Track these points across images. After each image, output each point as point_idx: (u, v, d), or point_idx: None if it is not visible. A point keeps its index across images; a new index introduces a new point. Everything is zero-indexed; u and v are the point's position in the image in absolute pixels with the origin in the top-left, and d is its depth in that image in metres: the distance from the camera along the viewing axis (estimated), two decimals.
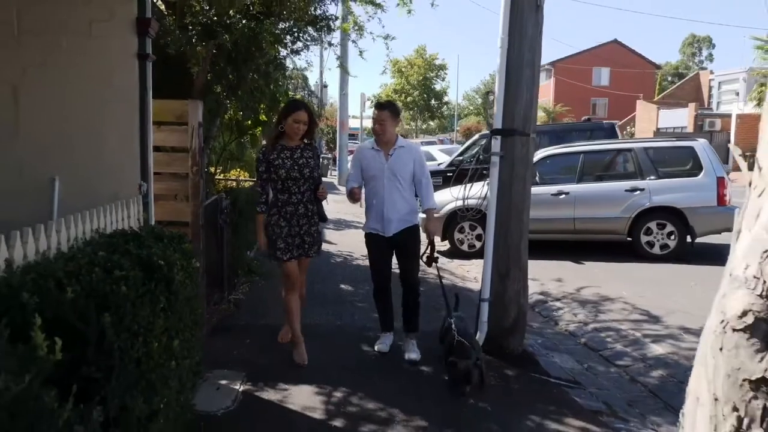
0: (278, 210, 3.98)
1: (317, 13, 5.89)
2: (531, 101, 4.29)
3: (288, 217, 3.97)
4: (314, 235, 4.08)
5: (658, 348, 4.95)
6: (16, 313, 1.42)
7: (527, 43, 4.22)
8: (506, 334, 4.43)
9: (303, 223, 4.01)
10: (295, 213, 3.98)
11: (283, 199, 3.97)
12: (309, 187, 4.01)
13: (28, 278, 1.64)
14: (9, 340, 1.27)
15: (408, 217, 4.24)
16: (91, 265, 1.81)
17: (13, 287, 1.57)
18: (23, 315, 1.43)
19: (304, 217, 4.00)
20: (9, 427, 1.12)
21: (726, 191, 7.81)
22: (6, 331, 1.27)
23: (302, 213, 3.99)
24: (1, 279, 1.61)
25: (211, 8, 4.82)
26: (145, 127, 3.43)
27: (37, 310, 1.44)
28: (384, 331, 4.42)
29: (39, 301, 1.51)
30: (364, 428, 3.14)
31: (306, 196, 3.99)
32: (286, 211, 3.96)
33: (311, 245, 4.07)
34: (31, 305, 1.48)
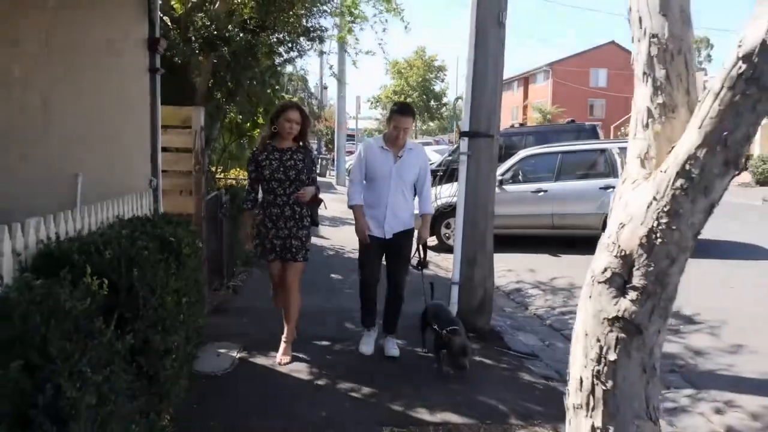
0: (264, 210, 3.99)
1: (309, 25, 6.45)
2: (494, 107, 4.85)
3: (274, 218, 3.96)
4: (302, 239, 4.01)
5: None
6: (71, 268, 1.99)
7: (491, 56, 4.79)
8: (474, 313, 4.98)
9: (290, 226, 3.96)
10: (281, 215, 3.95)
11: (268, 200, 3.97)
12: (296, 189, 3.94)
13: (74, 246, 2.20)
14: (71, 283, 1.84)
15: (406, 219, 4.22)
16: (119, 238, 2.38)
17: (65, 251, 2.13)
18: (75, 269, 1.99)
19: (291, 219, 3.96)
20: (75, 335, 1.68)
21: None
22: (68, 276, 1.84)
23: (289, 215, 3.95)
24: (56, 246, 2.18)
25: (211, 23, 5.40)
26: (155, 131, 4.00)
27: (84, 266, 2.01)
28: (367, 328, 4.40)
29: (85, 260, 2.08)
30: (342, 385, 3.71)
31: (293, 199, 3.95)
32: (271, 212, 3.96)
33: (298, 249, 3.99)
34: (80, 263, 2.04)
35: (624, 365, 2.11)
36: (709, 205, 1.99)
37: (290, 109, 4.02)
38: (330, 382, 3.76)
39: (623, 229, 2.13)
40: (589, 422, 2.18)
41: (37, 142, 3.85)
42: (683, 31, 2.16)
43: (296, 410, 3.33)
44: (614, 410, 2.12)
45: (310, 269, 7.21)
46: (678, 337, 5.18)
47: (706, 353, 4.77)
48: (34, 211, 2.62)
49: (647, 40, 2.17)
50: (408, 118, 4.06)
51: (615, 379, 2.12)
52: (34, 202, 3.60)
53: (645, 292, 2.07)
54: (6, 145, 3.79)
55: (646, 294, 2.06)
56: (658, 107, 2.17)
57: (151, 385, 2.25)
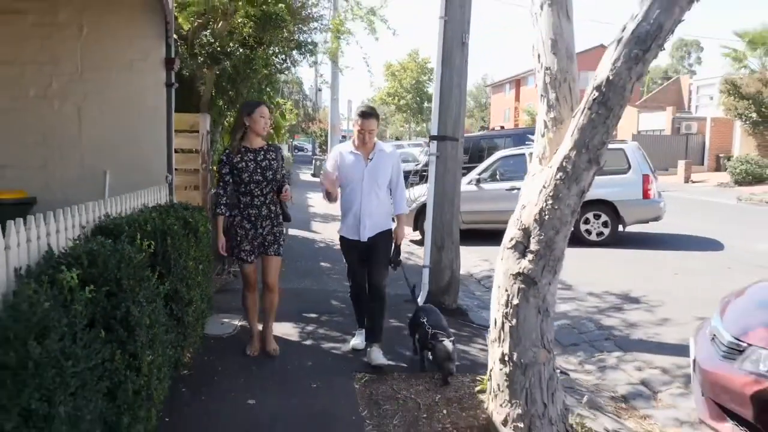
0: (240, 212, 3.96)
1: (300, 40, 7.24)
2: (459, 114, 5.65)
3: (252, 219, 3.97)
4: (276, 234, 4.07)
5: (566, 306, 6.31)
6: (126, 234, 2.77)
7: (456, 71, 5.58)
8: (442, 292, 5.78)
9: (266, 225, 4.02)
10: (259, 215, 3.98)
11: (245, 201, 3.95)
12: (272, 188, 3.99)
13: (123, 221, 2.99)
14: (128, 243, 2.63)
15: (382, 221, 4.21)
16: (153, 217, 3.16)
17: (117, 224, 2.92)
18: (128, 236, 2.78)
19: (267, 218, 4.01)
20: (135, 276, 2.46)
21: (650, 186, 9.20)
22: (126, 239, 2.63)
23: (265, 215, 4.00)
24: (110, 221, 2.96)
25: (215, 40, 6.17)
26: (170, 135, 4.78)
27: (134, 234, 2.79)
28: (360, 328, 4.44)
29: (134, 231, 2.86)
30: (324, 345, 4.50)
31: (269, 198, 3.99)
32: (249, 213, 3.96)
33: (271, 243, 4.05)
34: (131, 232, 2.83)
35: (524, 308, 2.91)
36: (579, 190, 2.80)
37: (262, 105, 4.03)
38: (315, 343, 4.56)
39: (524, 209, 2.94)
40: (500, 350, 2.98)
41: (73, 144, 4.62)
42: (568, 65, 2.96)
43: (288, 361, 4.11)
44: (517, 341, 2.93)
45: (302, 258, 8.10)
46: (619, 313, 6.00)
47: (639, 325, 5.58)
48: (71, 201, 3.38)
49: (543, 71, 2.98)
50: (371, 120, 4.03)
51: (518, 318, 2.93)
52: (69, 193, 4.39)
53: (538, 254, 2.87)
54: (47, 147, 4.57)
55: (539, 256, 2.87)
56: (550, 120, 2.97)
57: (178, 325, 3.03)
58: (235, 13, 6.09)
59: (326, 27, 7.56)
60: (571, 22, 2.99)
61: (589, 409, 3.74)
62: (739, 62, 25.53)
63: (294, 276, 6.75)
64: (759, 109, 17.96)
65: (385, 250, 4.20)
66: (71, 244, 2.55)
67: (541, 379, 2.90)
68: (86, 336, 2.01)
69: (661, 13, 2.47)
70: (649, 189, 9.19)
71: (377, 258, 4.16)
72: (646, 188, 9.16)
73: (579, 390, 4.21)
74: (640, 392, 4.29)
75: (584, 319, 5.91)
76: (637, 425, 3.79)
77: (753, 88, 18.09)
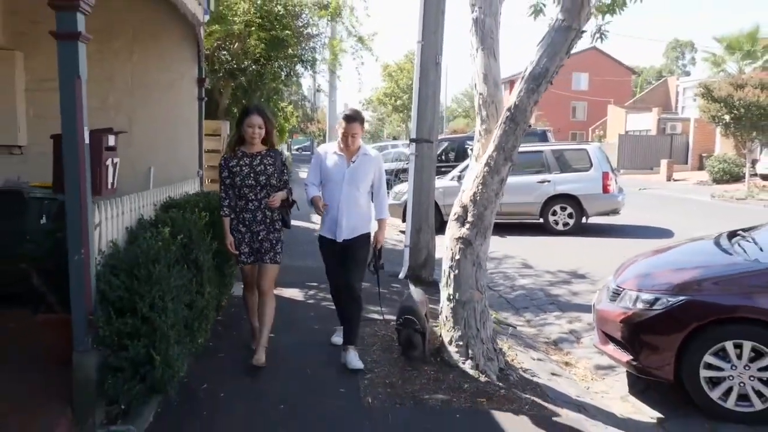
0: (236, 216, 4.01)
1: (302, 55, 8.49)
2: (433, 121, 6.89)
3: (247, 223, 4.00)
4: (272, 241, 4.05)
5: (524, 281, 7.58)
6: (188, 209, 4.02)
7: (431, 85, 6.82)
8: (420, 268, 7.02)
9: (260, 230, 4.01)
10: (254, 220, 3.99)
11: (240, 205, 3.99)
12: (267, 193, 3.98)
13: (181, 202, 4.24)
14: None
15: (360, 224, 4.20)
16: (199, 199, 4.41)
17: (178, 202, 4.17)
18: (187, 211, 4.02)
19: (262, 223, 4.01)
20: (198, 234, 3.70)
21: (609, 182, 10.46)
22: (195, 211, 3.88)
23: (260, 219, 4.00)
24: (172, 201, 4.21)
25: (232, 59, 7.40)
26: (201, 139, 6.02)
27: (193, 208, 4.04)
28: (341, 325, 4.45)
29: (191, 206, 4.11)
30: (323, 303, 5.75)
31: (264, 203, 3.99)
32: (243, 217, 4.00)
33: (267, 251, 4.03)
34: (190, 207, 4.08)
35: (463, 262, 4.16)
36: (500, 179, 4.05)
37: (252, 114, 3.97)
38: (316, 302, 5.81)
39: (463, 193, 4.19)
40: (447, 292, 4.23)
41: (125, 147, 5.83)
42: (495, 92, 4.21)
43: (296, 314, 5.36)
44: (458, 285, 4.17)
45: (304, 243, 9.26)
46: (566, 285, 7.26)
47: (579, 293, 6.84)
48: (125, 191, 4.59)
49: (478, 96, 4.23)
50: (355, 124, 4.06)
51: (459, 269, 4.17)
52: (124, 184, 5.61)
53: (473, 224, 4.12)
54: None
55: (474, 225, 4.12)
56: (483, 131, 4.22)
57: (220, 275, 4.28)
58: (249, 37, 7.33)
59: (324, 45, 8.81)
60: (498, 61, 4.23)
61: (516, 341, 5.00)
62: (717, 66, 26.82)
63: (298, 257, 7.98)
64: (730, 111, 19.19)
65: (361, 253, 4.20)
66: (154, 214, 3.80)
67: (475, 311, 4.15)
68: (176, 267, 3.26)
69: (547, 60, 3.72)
70: (609, 184, 10.45)
71: (352, 260, 4.16)
72: (606, 184, 10.43)
73: (521, 338, 5.46)
74: (568, 338, 5.56)
75: (537, 290, 7.17)
76: (558, 357, 5.06)
77: (725, 91, 19.31)
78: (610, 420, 3.81)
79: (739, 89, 19.34)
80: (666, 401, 4.11)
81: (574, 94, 50.13)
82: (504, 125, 3.93)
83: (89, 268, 2.85)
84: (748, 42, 25.02)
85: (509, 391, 3.90)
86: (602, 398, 4.27)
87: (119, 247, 3.30)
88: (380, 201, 4.28)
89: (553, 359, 5.00)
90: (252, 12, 7.04)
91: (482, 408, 3.64)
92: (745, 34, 25.29)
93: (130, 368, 2.86)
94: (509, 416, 3.56)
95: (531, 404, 3.74)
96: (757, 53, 25.12)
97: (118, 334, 2.84)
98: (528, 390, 3.95)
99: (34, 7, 3.21)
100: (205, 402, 3.53)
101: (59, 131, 2.78)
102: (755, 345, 3.62)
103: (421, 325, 4.19)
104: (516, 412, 3.60)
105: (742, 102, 18.96)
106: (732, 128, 19.77)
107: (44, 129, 6.48)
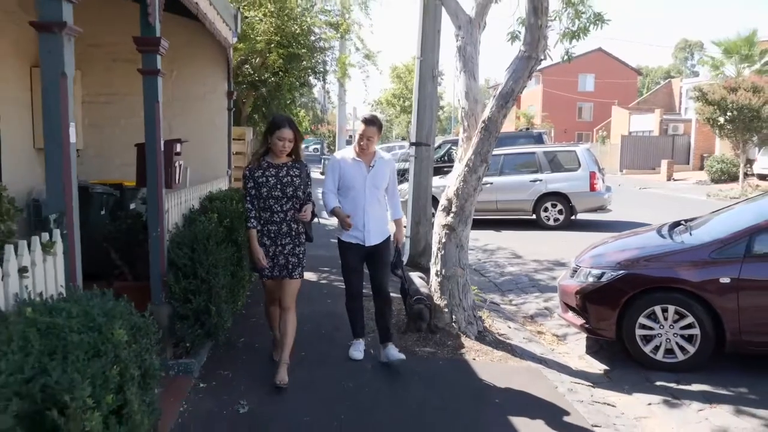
0: (262, 228, 3.92)
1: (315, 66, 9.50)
2: (431, 126, 7.85)
3: (272, 236, 3.92)
4: (299, 255, 3.99)
5: (512, 268, 8.53)
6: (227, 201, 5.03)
7: (428, 96, 7.79)
8: (419, 256, 7.99)
9: (286, 243, 3.93)
10: (279, 232, 3.92)
11: (265, 217, 3.91)
12: (293, 205, 3.92)
13: (220, 195, 5.24)
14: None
15: (385, 227, 4.37)
16: (233, 194, 5.41)
17: (218, 196, 5.18)
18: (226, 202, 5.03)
19: (287, 236, 3.93)
20: (237, 221, 4.70)
21: (596, 181, 11.38)
22: (233, 203, 4.89)
23: (285, 232, 3.93)
24: (212, 194, 5.22)
25: (254, 72, 8.40)
26: (230, 143, 7.03)
27: (230, 200, 5.04)
28: (356, 338, 4.52)
29: (230, 198, 5.12)
30: (334, 283, 6.74)
31: (289, 215, 3.92)
32: (268, 229, 3.91)
33: (295, 266, 3.97)
34: (228, 198, 5.09)
35: (448, 244, 5.13)
36: (477, 177, 5.02)
37: (283, 127, 3.87)
38: (328, 282, 6.82)
39: (449, 188, 5.16)
40: (436, 268, 5.21)
41: None
42: (474, 106, 5.18)
43: (312, 292, 6.34)
44: (444, 263, 5.15)
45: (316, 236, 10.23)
46: (548, 272, 8.20)
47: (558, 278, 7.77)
48: None
49: (461, 109, 5.20)
50: (372, 128, 4.15)
51: (445, 249, 5.14)
52: None
53: (456, 213, 5.09)
54: None
55: (456, 214, 5.09)
56: (465, 138, 5.19)
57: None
58: (269, 53, 8.35)
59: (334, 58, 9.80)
60: (477, 81, 5.19)
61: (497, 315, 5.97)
62: (716, 69, 27.55)
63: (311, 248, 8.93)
64: (724, 113, 20.00)
65: (386, 254, 4.40)
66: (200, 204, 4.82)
67: (458, 285, 5.12)
68: (223, 244, 4.26)
69: (513, 83, 4.69)
70: (595, 183, 11.38)
71: (380, 262, 4.34)
72: (593, 182, 11.35)
73: (503, 312, 6.42)
74: (543, 313, 6.51)
75: (522, 275, 8.12)
76: (532, 328, 6.01)
77: (718, 94, 20.12)
78: (565, 371, 4.75)
79: (732, 92, 20.15)
80: (614, 359, 5.06)
81: (580, 95, 50.76)
82: (480, 134, 4.90)
83: (163, 242, 3.85)
84: (745, 46, 25.72)
85: (484, 347, 4.87)
86: (563, 357, 5.21)
87: (180, 228, 4.30)
88: (395, 201, 4.43)
89: (527, 329, 5.95)
90: (272, 31, 8.04)
91: (460, 358, 4.62)
92: (742, 38, 25.99)
93: (192, 316, 3.86)
94: (480, 363, 4.53)
95: (501, 357, 4.72)
96: (755, 57, 25.80)
97: (184, 291, 3.84)
98: (500, 347, 4.92)
99: (91, 33, 3.27)
100: (243, 350, 4.54)
101: (109, 138, 3.73)
102: (678, 309, 4.57)
103: (428, 303, 5.00)
104: (487, 362, 4.57)
105: (734, 104, 19.76)
106: (726, 130, 20.56)
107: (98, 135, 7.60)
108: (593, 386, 4.49)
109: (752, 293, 4.37)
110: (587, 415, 3.82)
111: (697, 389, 4.35)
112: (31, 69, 6.32)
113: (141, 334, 2.02)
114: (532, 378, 4.36)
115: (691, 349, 4.55)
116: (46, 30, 2.55)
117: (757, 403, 4.11)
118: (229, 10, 6.49)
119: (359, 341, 4.53)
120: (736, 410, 4.03)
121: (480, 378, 4.27)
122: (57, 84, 2.56)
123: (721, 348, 4.51)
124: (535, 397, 4.00)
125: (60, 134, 2.56)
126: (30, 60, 6.10)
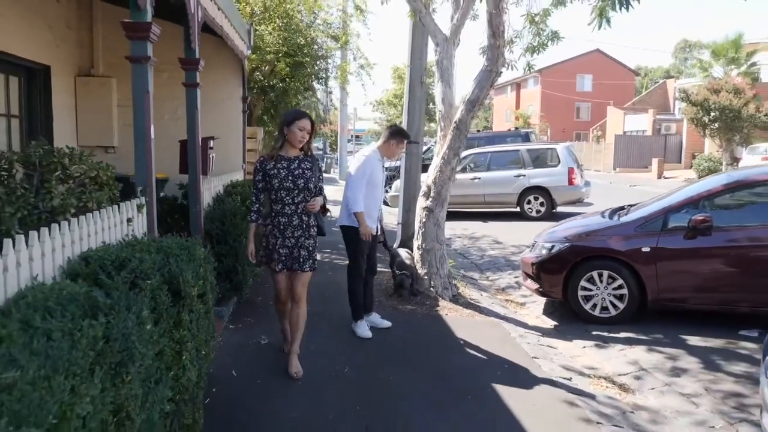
0: (272, 220, 3.97)
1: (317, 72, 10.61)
2: (419, 126, 8.95)
3: (282, 228, 3.95)
4: (309, 248, 4.01)
5: (493, 252, 9.63)
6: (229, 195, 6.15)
7: (417, 99, 8.89)
8: (409, 240, 9.06)
9: (298, 235, 3.96)
10: (289, 224, 3.94)
11: (276, 210, 3.95)
12: (304, 198, 3.94)
13: (238, 189, 6.36)
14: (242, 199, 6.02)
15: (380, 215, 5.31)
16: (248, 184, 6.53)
17: (238, 186, 6.31)
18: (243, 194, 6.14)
19: (299, 228, 3.96)
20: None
21: (574, 176, 12.48)
22: (234, 196, 6.02)
23: (296, 224, 3.95)
24: (233, 183, 6.34)
25: (264, 78, 9.50)
26: (244, 141, 8.15)
27: (245, 192, 6.16)
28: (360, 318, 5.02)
29: (246, 190, 6.24)
30: (335, 261, 7.84)
31: (300, 208, 3.94)
32: (279, 221, 3.94)
33: (305, 259, 3.99)
34: (244, 191, 6.21)
35: (427, 223, 6.25)
36: (451, 168, 6.14)
37: (304, 117, 4.02)
38: (330, 260, 7.93)
39: (428, 177, 6.28)
40: (417, 243, 6.34)
41: None
42: (449, 110, 6.30)
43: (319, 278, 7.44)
44: (424, 239, 6.27)
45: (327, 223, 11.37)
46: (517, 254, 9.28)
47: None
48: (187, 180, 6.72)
49: (438, 112, 6.32)
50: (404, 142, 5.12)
51: (425, 228, 6.26)
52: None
53: (434, 198, 6.21)
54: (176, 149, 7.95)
55: (435, 198, 6.21)
56: (441, 136, 6.31)
57: None
58: (278, 62, 9.46)
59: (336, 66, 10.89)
60: (452, 89, 6.29)
61: (474, 287, 7.08)
62: (705, 71, 28.60)
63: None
64: (707, 114, 21.08)
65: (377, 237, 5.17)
66: (224, 190, 5.94)
67: (436, 257, 6.22)
68: (241, 218, 5.38)
69: (478, 91, 5.79)
70: (573, 178, 12.47)
71: (376, 245, 5.19)
72: (571, 177, 12.45)
73: (479, 285, 7.52)
74: (513, 286, 7.61)
75: (501, 258, 9.23)
76: (501, 297, 7.11)
77: (701, 96, 21.20)
78: (521, 325, 5.85)
79: (714, 93, 21.22)
80: (563, 318, 6.16)
81: (578, 95, 51.62)
82: (452, 133, 6.00)
83: (200, 217, 4.96)
84: (732, 49, 26.76)
85: (456, 307, 5.98)
86: (522, 317, 6.31)
87: (211, 207, 5.42)
88: None
89: (497, 297, 7.05)
90: (280, 43, 9.16)
91: (435, 313, 5.73)
92: (729, 40, 27.03)
93: (224, 274, 4.97)
94: (451, 317, 5.64)
95: (469, 314, 5.82)
96: (741, 59, 26.83)
97: (217, 254, 4.95)
98: (470, 308, 6.03)
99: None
100: (260, 305, 5.66)
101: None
102: (610, 273, 5.66)
103: (410, 273, 6.17)
104: (457, 317, 5.68)
105: (716, 105, 20.83)
106: (711, 129, 21.63)
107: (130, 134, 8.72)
108: (542, 336, 5.59)
109: (667, 260, 5.47)
110: (531, 351, 4.92)
111: (623, 336, 5.45)
112: (75, 78, 7.51)
113: (205, 261, 3.11)
114: (492, 327, 5.47)
115: (621, 306, 5.65)
116: (137, 62, 3.47)
117: (665, 344, 5.21)
118: (244, 26, 7.60)
119: (363, 321, 5.01)
120: (648, 349, 5.13)
121: (449, 326, 5.37)
122: (143, 99, 3.53)
123: (645, 305, 5.61)
124: (492, 338, 5.11)
125: (144, 133, 3.62)
126: (74, 71, 7.27)
